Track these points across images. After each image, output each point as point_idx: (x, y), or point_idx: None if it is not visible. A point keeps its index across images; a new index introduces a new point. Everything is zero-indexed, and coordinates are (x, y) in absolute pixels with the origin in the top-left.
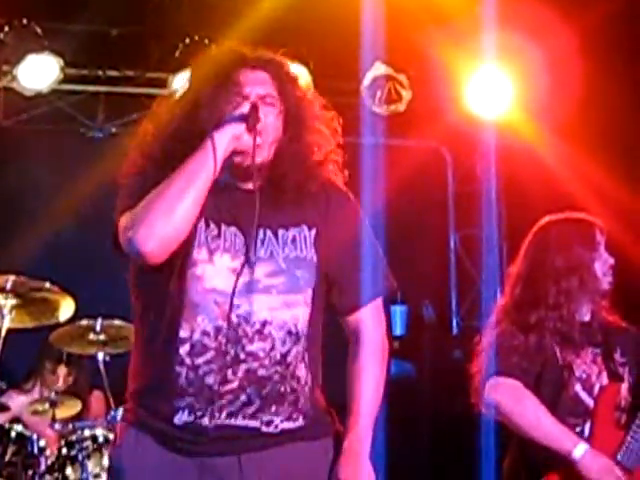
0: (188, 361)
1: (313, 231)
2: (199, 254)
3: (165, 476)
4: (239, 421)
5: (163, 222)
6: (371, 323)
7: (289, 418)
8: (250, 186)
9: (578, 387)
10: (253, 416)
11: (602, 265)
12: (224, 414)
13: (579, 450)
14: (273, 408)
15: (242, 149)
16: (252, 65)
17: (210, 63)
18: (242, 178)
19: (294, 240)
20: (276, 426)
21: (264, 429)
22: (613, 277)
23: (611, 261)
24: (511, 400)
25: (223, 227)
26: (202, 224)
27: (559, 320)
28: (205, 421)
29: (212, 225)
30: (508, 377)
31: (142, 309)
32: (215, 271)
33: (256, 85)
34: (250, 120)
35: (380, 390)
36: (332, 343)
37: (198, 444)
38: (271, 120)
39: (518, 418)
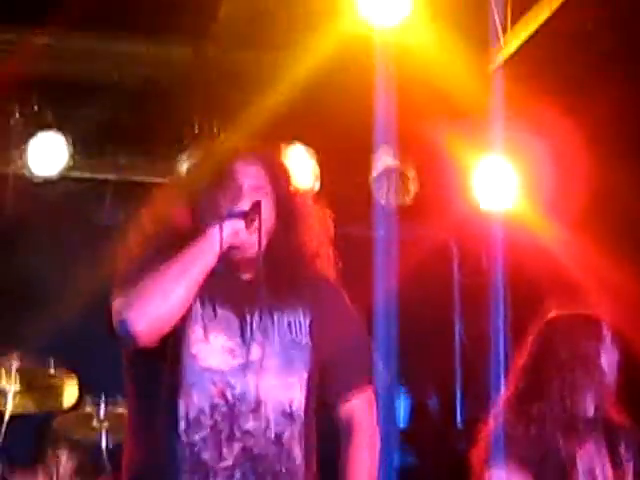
0: (184, 438)
1: (308, 319)
2: (194, 333)
3: None
4: None
5: (155, 305)
6: (364, 412)
7: None
8: (245, 276)
9: (581, 479)
10: None
11: (608, 358)
12: None
13: None
14: None
15: (238, 244)
16: (246, 159)
17: (205, 157)
18: (236, 269)
19: (289, 325)
20: None
21: None
22: (619, 372)
23: (617, 355)
24: None
25: (218, 309)
26: (197, 304)
27: (562, 411)
28: None
29: (207, 305)
30: (504, 467)
31: (136, 390)
32: (210, 350)
33: (249, 178)
34: (250, 217)
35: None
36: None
37: None
38: (265, 212)
39: None
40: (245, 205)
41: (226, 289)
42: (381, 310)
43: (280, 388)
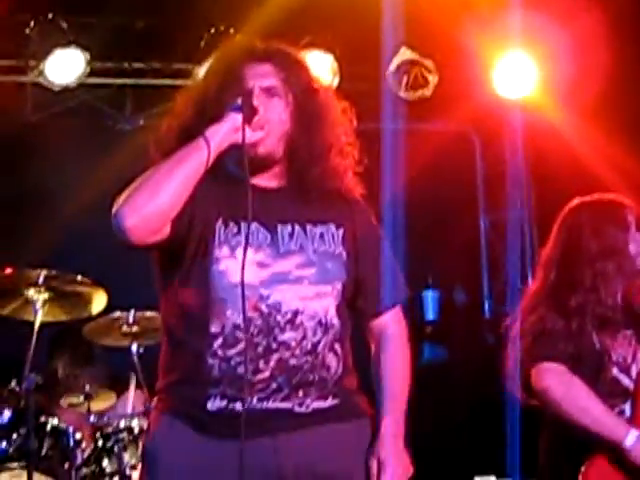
0: (220, 353)
1: (340, 230)
2: (220, 252)
3: (199, 460)
4: (270, 404)
5: (146, 199)
6: (397, 325)
7: (319, 398)
8: (271, 184)
9: (615, 370)
10: (284, 399)
11: (635, 246)
12: (255, 399)
13: (631, 438)
14: (301, 393)
15: (242, 141)
16: (258, 57)
17: (220, 57)
18: (256, 173)
19: (322, 236)
20: (307, 406)
21: (297, 409)
22: None
23: None
24: (561, 386)
25: (243, 224)
26: (220, 224)
27: (598, 303)
28: (237, 406)
29: (231, 224)
30: (555, 362)
31: (169, 307)
32: (239, 265)
33: (260, 78)
34: (245, 111)
35: (408, 381)
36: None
37: (232, 427)
38: (277, 112)
39: (568, 404)
40: (239, 100)
41: (251, 203)
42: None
43: (315, 297)
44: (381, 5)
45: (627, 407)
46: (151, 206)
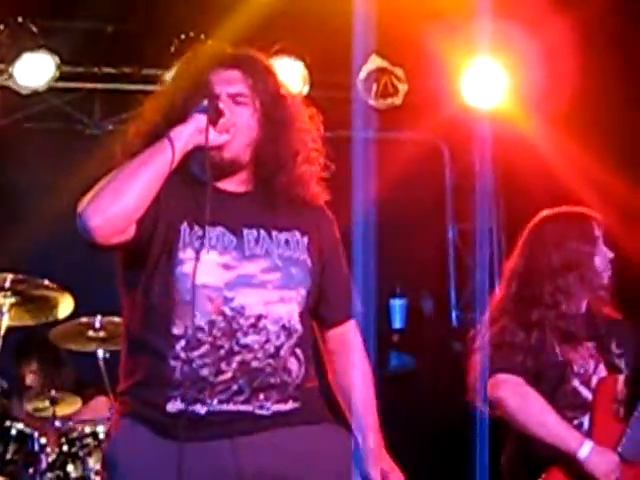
0: (183, 355)
1: (305, 238)
2: (185, 254)
3: (160, 463)
4: (231, 406)
5: (110, 200)
6: (357, 337)
7: (280, 401)
8: (239, 189)
9: (576, 382)
10: (244, 402)
11: (602, 259)
12: (215, 401)
13: (585, 449)
14: (262, 396)
15: (211, 145)
16: (226, 64)
17: (187, 62)
18: (221, 177)
19: (287, 242)
20: (268, 408)
21: (257, 412)
22: (612, 271)
23: (610, 255)
24: (516, 398)
25: (208, 227)
26: (185, 226)
27: (558, 318)
28: (197, 408)
29: (196, 227)
30: (512, 374)
31: (132, 309)
32: (203, 268)
33: (226, 84)
34: (210, 113)
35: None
36: None
37: (192, 430)
38: (243, 118)
39: (523, 416)
40: (204, 102)
41: (215, 208)
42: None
43: (279, 302)
44: (352, 13)
45: (586, 419)
46: (115, 207)
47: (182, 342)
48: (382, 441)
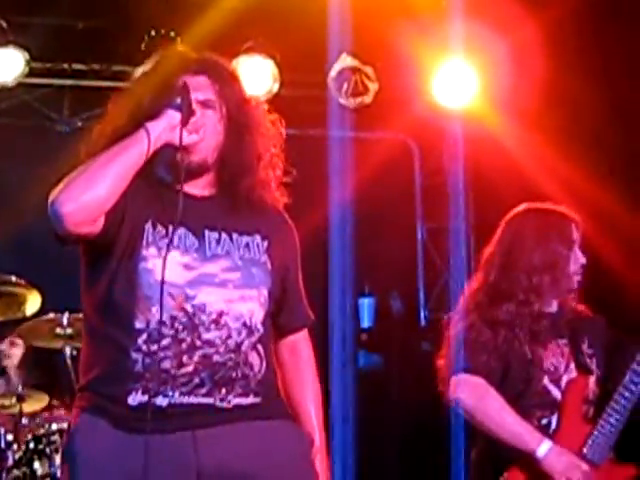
0: (144, 348)
1: (265, 242)
2: (148, 251)
3: (119, 456)
4: (192, 399)
5: (85, 186)
6: (307, 343)
7: (241, 395)
8: (204, 192)
9: (546, 380)
10: (206, 395)
11: (574, 264)
12: (177, 393)
13: (543, 448)
14: (223, 390)
15: (177, 142)
16: (193, 70)
17: (154, 67)
18: (188, 180)
19: (247, 245)
20: (229, 401)
21: (218, 404)
22: (582, 275)
23: (583, 260)
24: (473, 398)
25: (170, 228)
26: (149, 226)
27: (529, 316)
28: (159, 400)
29: (159, 227)
30: (473, 375)
31: (94, 303)
32: (166, 263)
33: (194, 90)
34: (183, 110)
35: None
36: None
37: (152, 422)
38: (212, 124)
39: (481, 416)
40: (178, 99)
41: (181, 208)
42: (337, 211)
43: (240, 300)
44: (325, 11)
45: (554, 419)
46: (89, 194)
47: (144, 335)
48: (323, 452)
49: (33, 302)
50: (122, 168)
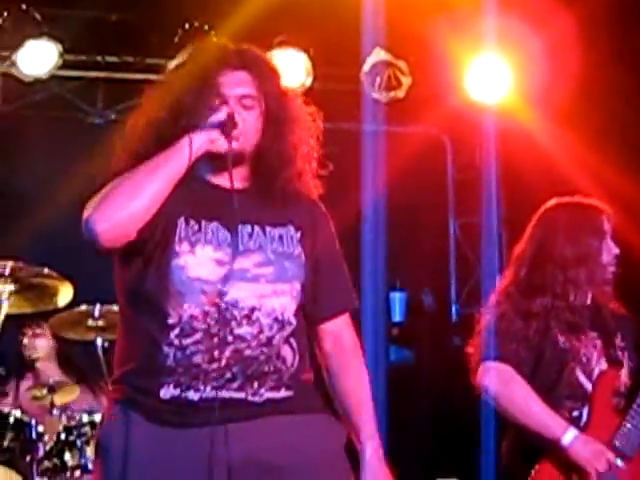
0: (176, 342)
1: (299, 233)
2: (180, 247)
3: (152, 449)
4: (224, 393)
5: (120, 205)
6: (349, 329)
7: (273, 389)
8: (237, 186)
9: (578, 371)
10: (238, 389)
11: (607, 255)
12: (209, 387)
13: (568, 436)
14: (255, 384)
15: (219, 152)
16: (233, 65)
17: (193, 61)
18: (222, 173)
19: (281, 237)
20: (261, 395)
21: (250, 398)
22: (616, 267)
23: (616, 251)
24: (498, 384)
25: (204, 223)
26: (182, 221)
27: (565, 309)
28: (191, 394)
29: (192, 222)
30: (501, 362)
31: (127, 299)
32: (197, 261)
33: (235, 86)
34: (226, 126)
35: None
36: None
37: (184, 415)
38: (251, 122)
39: (506, 403)
40: (222, 115)
41: (212, 204)
42: (370, 205)
43: (273, 295)
44: (360, 6)
45: (585, 411)
46: (124, 215)
47: (176, 330)
48: (381, 451)
49: (65, 294)
50: (164, 181)
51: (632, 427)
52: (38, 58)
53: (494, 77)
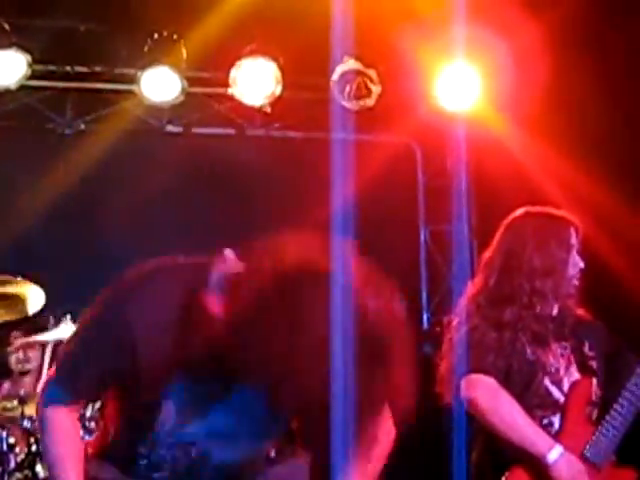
0: (144, 472)
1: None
2: (166, 406)
3: None
4: None
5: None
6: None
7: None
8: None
9: (547, 381)
10: None
11: (573, 268)
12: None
13: (554, 454)
14: None
15: None
16: None
17: None
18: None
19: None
20: None
21: None
22: (580, 279)
23: (581, 265)
24: (487, 398)
25: (192, 385)
26: (174, 384)
27: (532, 319)
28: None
29: (181, 384)
30: (484, 374)
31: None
32: (182, 418)
33: None
34: None
35: None
36: None
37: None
38: None
39: (493, 417)
40: None
41: (200, 366)
42: (340, 213)
43: (248, 451)
44: (329, 14)
45: (556, 419)
46: None
47: (145, 461)
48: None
49: (35, 301)
50: None
51: (603, 437)
52: (7, 68)
53: (463, 85)
